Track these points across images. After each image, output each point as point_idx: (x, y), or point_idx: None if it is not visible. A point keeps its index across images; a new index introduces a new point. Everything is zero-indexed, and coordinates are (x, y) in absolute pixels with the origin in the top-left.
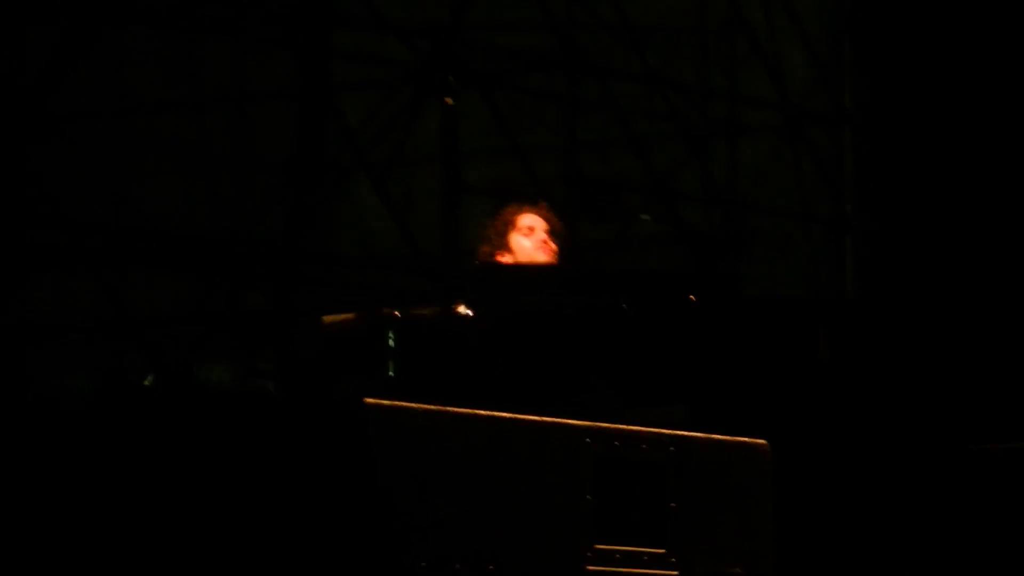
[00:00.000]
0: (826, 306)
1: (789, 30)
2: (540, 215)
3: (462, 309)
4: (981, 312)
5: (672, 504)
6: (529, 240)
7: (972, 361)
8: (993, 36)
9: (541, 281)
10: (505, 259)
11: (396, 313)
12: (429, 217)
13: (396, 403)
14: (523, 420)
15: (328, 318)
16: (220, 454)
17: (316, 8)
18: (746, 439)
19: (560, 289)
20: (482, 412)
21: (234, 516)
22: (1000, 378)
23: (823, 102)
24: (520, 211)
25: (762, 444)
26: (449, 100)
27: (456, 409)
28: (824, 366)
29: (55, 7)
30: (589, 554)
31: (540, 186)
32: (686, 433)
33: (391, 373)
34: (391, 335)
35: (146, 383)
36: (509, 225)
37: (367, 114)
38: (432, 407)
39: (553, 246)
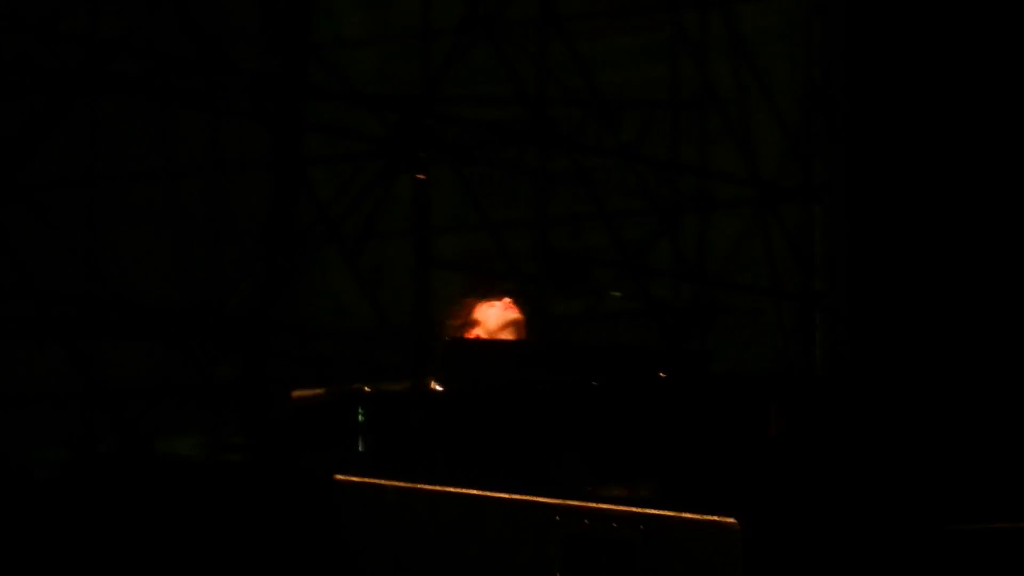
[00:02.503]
0: (795, 382)
1: (760, 105)
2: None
3: (432, 384)
4: (954, 388)
5: None
6: (494, 307)
7: (947, 436)
8: (961, 110)
9: (512, 356)
10: (476, 332)
11: (366, 388)
12: (400, 290)
13: (366, 479)
14: (492, 497)
15: (298, 393)
16: (189, 527)
17: (289, 80)
18: (716, 517)
19: (530, 365)
20: (452, 489)
21: None
22: (975, 454)
23: (794, 177)
24: (475, 300)
25: (731, 523)
26: (420, 175)
27: (426, 486)
28: (794, 443)
29: (29, 76)
30: None
31: (511, 260)
32: (656, 511)
33: (361, 449)
34: (361, 410)
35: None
36: (472, 307)
37: (339, 186)
38: (402, 483)
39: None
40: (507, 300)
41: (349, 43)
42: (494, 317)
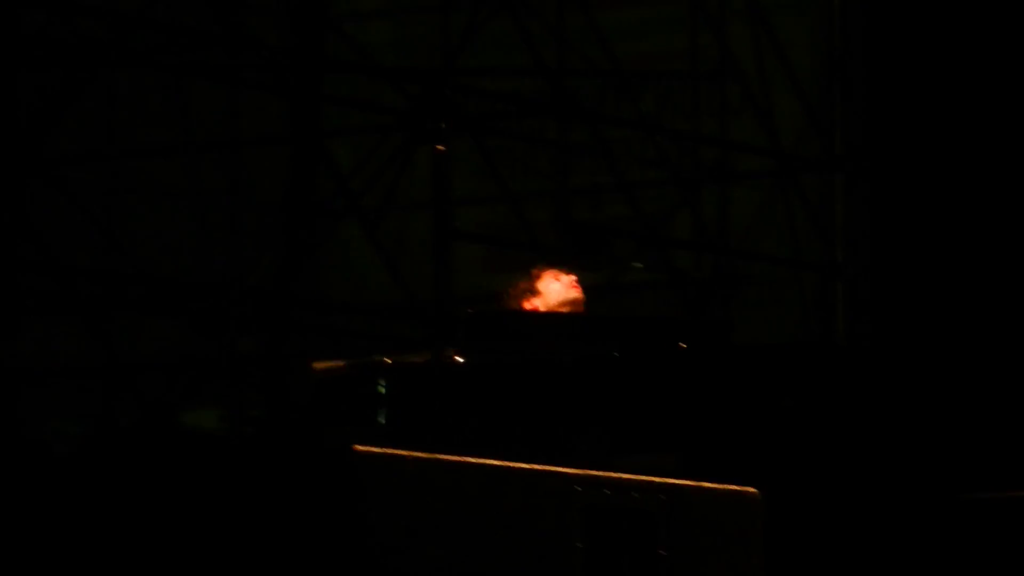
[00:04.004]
0: (817, 352)
1: (780, 76)
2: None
3: (453, 356)
4: (973, 357)
5: (662, 552)
6: (558, 283)
7: (965, 407)
8: (981, 79)
9: (532, 328)
10: (535, 303)
11: (387, 360)
12: (421, 263)
13: (386, 450)
14: (513, 468)
15: (319, 365)
16: (209, 501)
17: (308, 53)
18: (736, 487)
19: (552, 336)
20: (472, 459)
21: (222, 564)
22: (992, 425)
23: (814, 148)
24: (544, 269)
25: (752, 492)
26: (441, 147)
27: (446, 456)
28: (815, 414)
29: (48, 51)
30: None
31: (532, 232)
32: (677, 481)
33: (382, 420)
34: (382, 382)
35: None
36: (536, 277)
37: (359, 159)
38: (422, 454)
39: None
40: (572, 278)
41: (367, 15)
42: (555, 293)
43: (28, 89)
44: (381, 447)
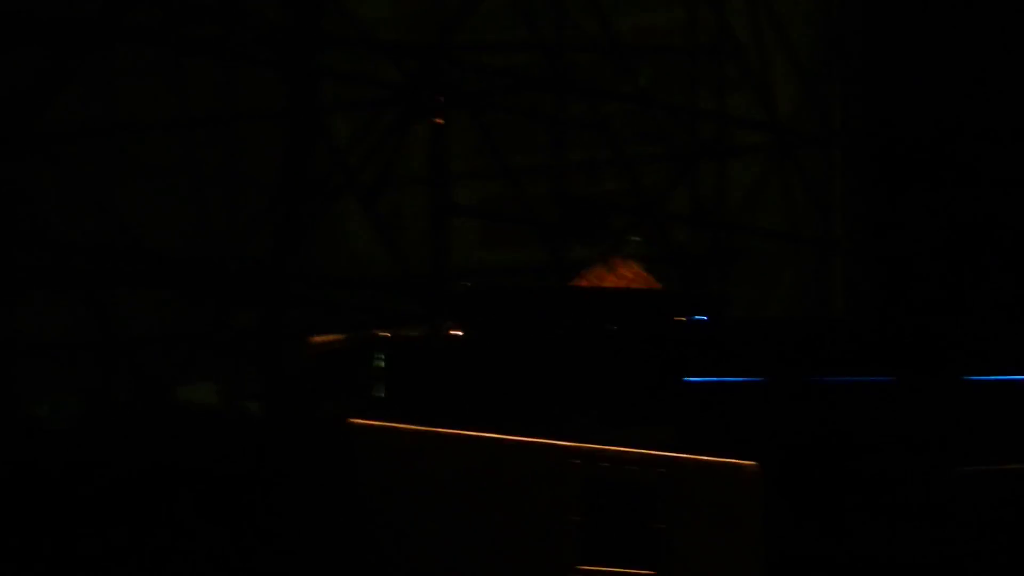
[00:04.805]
0: (814, 326)
1: (778, 51)
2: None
3: (451, 330)
4: (969, 330)
5: (660, 525)
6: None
7: (958, 380)
8: (979, 55)
9: (530, 302)
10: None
11: (385, 334)
12: (418, 238)
13: (382, 423)
14: (511, 441)
15: (316, 339)
16: (205, 474)
17: (305, 28)
18: (736, 460)
19: (549, 310)
20: (470, 432)
21: (218, 536)
22: (985, 398)
23: (812, 123)
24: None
25: (752, 465)
26: (438, 120)
27: (444, 430)
28: (813, 386)
29: (45, 27)
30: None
31: (529, 206)
32: (675, 454)
33: (380, 394)
34: (381, 356)
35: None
36: (610, 271)
37: (356, 134)
38: (419, 427)
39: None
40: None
41: None
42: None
43: (26, 65)
44: (378, 420)
